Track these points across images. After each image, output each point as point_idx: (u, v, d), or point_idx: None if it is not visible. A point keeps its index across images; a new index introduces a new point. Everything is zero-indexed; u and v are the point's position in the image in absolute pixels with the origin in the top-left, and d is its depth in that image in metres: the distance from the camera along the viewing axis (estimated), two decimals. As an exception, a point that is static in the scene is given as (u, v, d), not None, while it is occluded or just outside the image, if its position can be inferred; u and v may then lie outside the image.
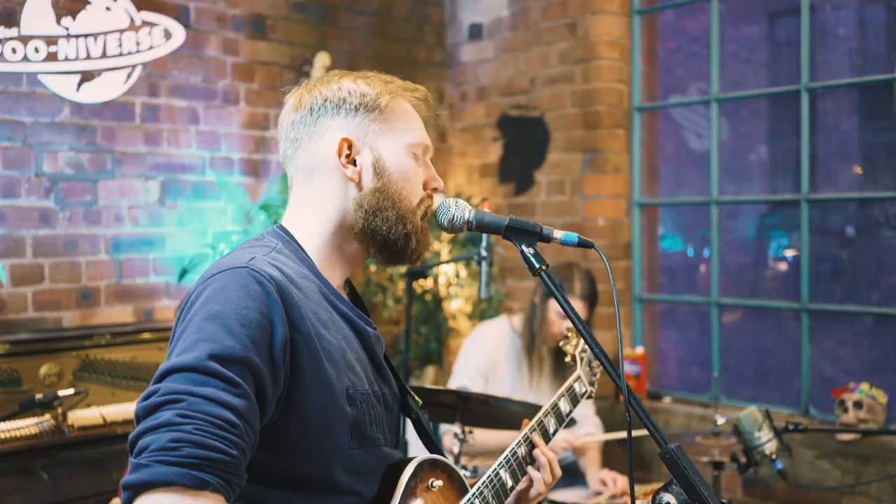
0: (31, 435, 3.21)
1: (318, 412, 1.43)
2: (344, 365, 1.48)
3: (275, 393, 1.37)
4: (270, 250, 1.52)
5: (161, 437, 1.22)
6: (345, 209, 1.58)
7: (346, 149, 1.57)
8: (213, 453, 1.23)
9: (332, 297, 1.55)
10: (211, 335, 1.31)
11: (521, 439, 1.84)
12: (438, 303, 4.86)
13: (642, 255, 4.65)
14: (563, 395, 2.02)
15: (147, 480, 1.20)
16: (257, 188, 4.42)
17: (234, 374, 1.29)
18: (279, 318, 1.38)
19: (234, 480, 1.26)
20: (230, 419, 1.26)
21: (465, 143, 5.19)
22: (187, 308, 1.41)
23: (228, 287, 1.38)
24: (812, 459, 3.73)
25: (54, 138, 3.77)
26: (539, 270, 1.60)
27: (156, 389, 1.28)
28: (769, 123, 4.48)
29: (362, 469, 1.51)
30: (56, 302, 3.78)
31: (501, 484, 1.75)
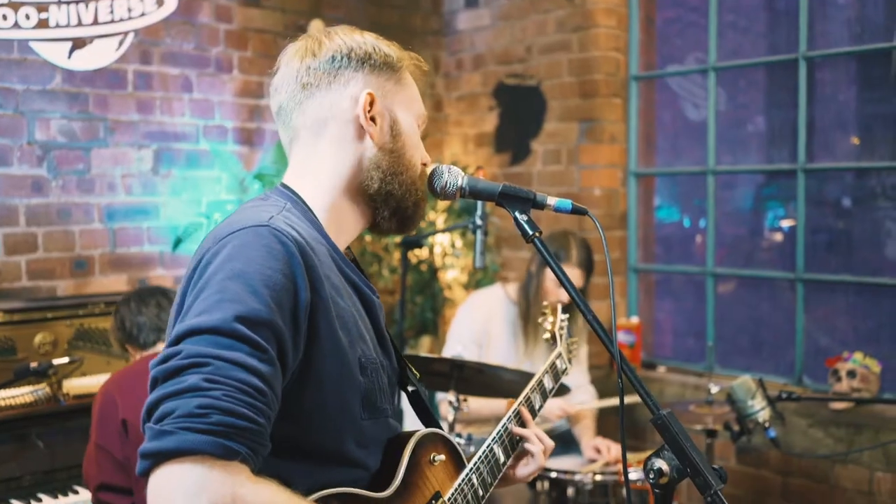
0: (26, 403, 3.22)
1: (334, 380, 1.38)
2: (356, 333, 1.44)
3: (294, 359, 1.30)
4: (282, 209, 1.43)
5: (188, 403, 1.14)
6: (359, 167, 1.51)
7: (369, 105, 1.50)
8: (242, 421, 1.16)
9: (341, 261, 1.48)
10: (236, 295, 1.23)
11: (512, 414, 1.86)
12: (434, 273, 4.85)
13: (638, 225, 4.64)
14: (546, 372, 2.06)
15: (173, 448, 1.12)
16: (251, 157, 4.40)
17: (260, 337, 1.22)
18: (302, 280, 1.31)
19: (260, 450, 1.20)
20: (258, 386, 1.19)
21: (460, 112, 5.16)
22: (203, 266, 1.31)
23: (250, 245, 1.30)
24: (805, 428, 3.75)
25: (46, 106, 3.74)
26: (532, 237, 1.59)
27: (176, 351, 1.20)
28: (766, 94, 4.46)
29: (370, 441, 1.48)
30: (50, 271, 3.77)
31: (495, 460, 1.76)
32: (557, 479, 3.45)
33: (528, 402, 1.92)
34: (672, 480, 1.46)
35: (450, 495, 1.59)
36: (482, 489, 1.68)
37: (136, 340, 2.83)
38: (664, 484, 1.47)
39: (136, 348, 2.85)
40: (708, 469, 1.42)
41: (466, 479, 1.64)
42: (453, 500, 1.59)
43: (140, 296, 2.90)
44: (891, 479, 3.52)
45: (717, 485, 1.41)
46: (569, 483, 3.41)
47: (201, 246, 1.39)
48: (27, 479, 3.11)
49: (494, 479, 1.74)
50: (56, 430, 3.22)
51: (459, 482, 1.63)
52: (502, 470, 1.78)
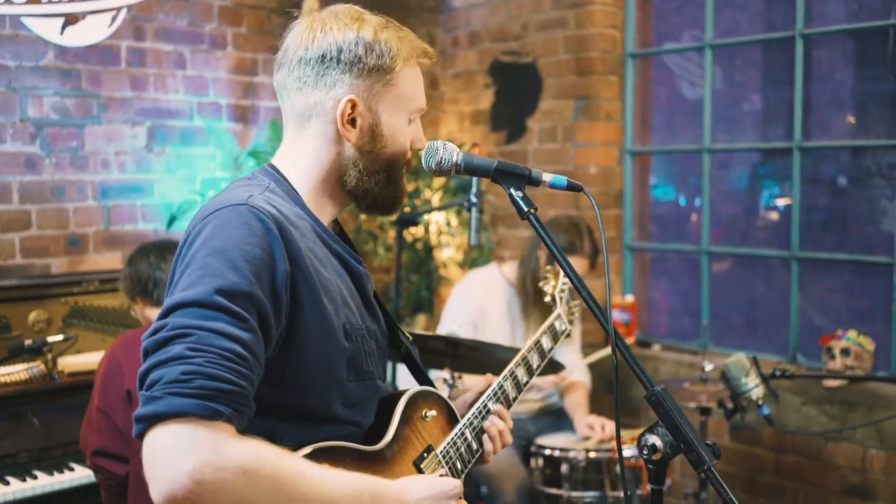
0: (20, 381, 3.21)
1: (318, 347, 1.46)
2: (340, 301, 1.52)
3: (277, 327, 1.39)
4: (264, 189, 1.52)
5: (173, 370, 1.24)
6: (337, 164, 1.58)
7: (349, 110, 1.55)
8: (224, 384, 1.25)
9: (325, 235, 1.57)
10: (216, 271, 1.33)
11: (508, 374, 1.92)
12: (429, 251, 4.85)
13: (633, 204, 4.64)
14: (545, 332, 2.10)
15: (161, 412, 1.22)
16: (246, 134, 4.38)
17: (240, 308, 1.32)
18: (280, 253, 1.40)
19: (244, 411, 1.30)
20: (239, 352, 1.29)
21: (456, 90, 5.13)
22: (188, 244, 1.41)
23: (230, 223, 1.39)
24: (798, 406, 3.76)
25: (39, 82, 3.72)
26: (527, 214, 1.59)
27: (164, 324, 1.30)
28: (763, 72, 4.44)
29: (358, 401, 1.56)
30: (44, 248, 3.75)
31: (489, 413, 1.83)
32: (551, 456, 3.46)
33: (525, 362, 1.98)
34: (666, 456, 1.47)
35: (442, 448, 1.68)
36: (476, 443, 1.77)
37: (150, 295, 2.76)
38: (658, 460, 1.47)
39: (146, 303, 2.78)
40: (701, 445, 1.42)
41: (460, 433, 1.73)
42: (445, 453, 1.69)
43: (160, 250, 2.82)
44: (884, 456, 3.54)
45: (711, 461, 1.41)
46: (563, 460, 3.43)
47: (190, 224, 1.49)
48: (22, 455, 3.11)
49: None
50: (51, 408, 3.22)
51: (452, 436, 1.72)
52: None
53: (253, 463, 1.26)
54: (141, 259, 2.80)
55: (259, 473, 1.27)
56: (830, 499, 3.72)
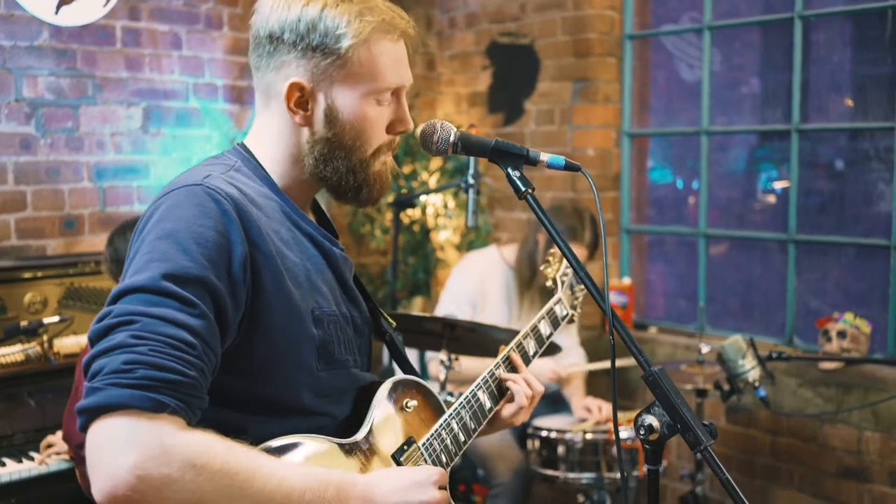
0: (16, 362, 3.21)
1: (283, 333, 1.39)
2: (308, 286, 1.44)
3: (236, 313, 1.32)
4: (229, 168, 1.46)
5: (114, 360, 1.18)
6: (298, 146, 1.51)
7: (296, 93, 1.46)
8: (169, 374, 1.18)
9: (295, 216, 1.50)
10: (164, 254, 1.26)
11: (501, 360, 1.83)
12: (426, 233, 4.84)
13: (631, 186, 4.63)
14: (543, 318, 2.00)
15: (101, 404, 1.16)
16: (242, 116, 4.36)
17: (189, 293, 1.24)
18: (237, 235, 1.33)
19: (193, 402, 1.22)
20: (187, 339, 1.21)
21: (453, 71, 5.11)
22: (140, 228, 1.36)
23: (182, 205, 1.32)
24: (795, 388, 3.77)
25: (34, 63, 3.69)
26: (525, 194, 1.58)
27: (109, 311, 1.24)
28: (762, 55, 4.42)
29: (331, 391, 1.49)
30: (39, 230, 3.74)
31: (480, 405, 1.74)
32: (548, 437, 3.47)
33: (520, 348, 1.89)
34: (662, 437, 1.46)
35: (425, 440, 1.60)
36: (463, 434, 1.67)
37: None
38: (654, 440, 1.47)
39: None
40: (698, 425, 1.42)
41: (445, 423, 1.64)
42: (429, 445, 1.60)
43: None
44: (879, 438, 3.56)
45: (708, 441, 1.41)
46: (559, 442, 3.44)
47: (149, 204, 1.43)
48: (19, 436, 3.11)
49: (479, 424, 1.73)
50: (47, 389, 3.22)
51: (437, 427, 1.63)
52: (488, 415, 1.76)
53: (202, 457, 1.18)
54: (119, 238, 2.80)
55: (209, 468, 1.18)
56: (826, 480, 3.74)
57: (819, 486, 3.76)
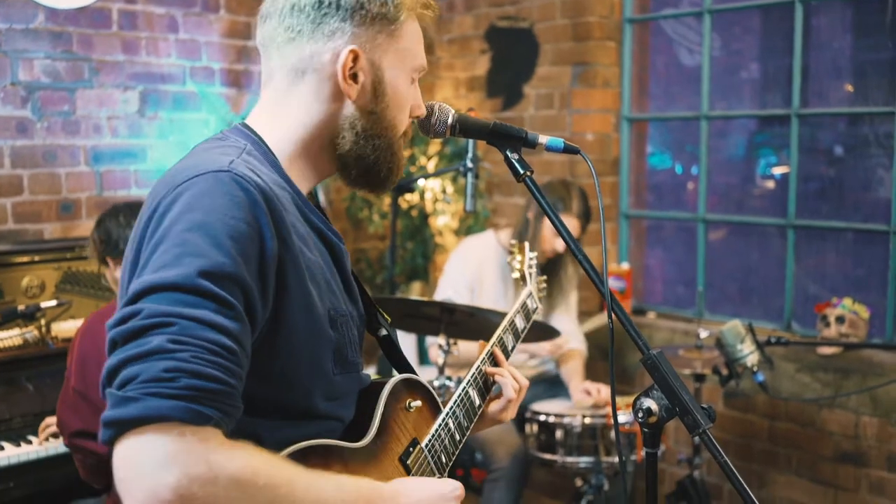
0: (14, 346, 3.20)
1: (304, 336, 1.31)
2: (325, 284, 1.36)
3: (263, 314, 1.23)
4: (241, 152, 1.33)
5: (153, 366, 1.06)
6: (332, 125, 1.41)
7: (351, 62, 1.38)
8: (212, 384, 1.09)
9: (306, 209, 1.40)
10: (197, 248, 1.14)
11: (486, 356, 1.81)
12: (425, 218, 4.83)
13: (630, 171, 4.61)
14: (518, 312, 2.01)
15: (139, 416, 1.05)
16: (239, 100, 4.34)
17: (226, 293, 1.14)
18: (268, 229, 1.22)
19: (232, 413, 1.13)
20: (227, 345, 1.12)
21: (452, 55, 5.08)
22: (159, 216, 1.21)
23: (210, 193, 1.20)
24: (793, 373, 3.77)
25: (30, 45, 3.67)
26: (523, 176, 1.58)
27: (137, 311, 1.11)
28: (762, 39, 4.40)
29: (340, 394, 1.43)
30: (36, 213, 3.73)
31: (471, 403, 1.72)
32: (546, 422, 3.47)
33: (500, 343, 1.88)
34: (661, 420, 1.46)
35: (427, 441, 1.56)
36: (459, 433, 1.65)
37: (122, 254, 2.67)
38: (653, 423, 1.47)
39: (118, 263, 2.69)
40: (697, 408, 1.42)
41: (443, 424, 1.61)
42: (430, 446, 1.56)
43: (131, 209, 2.76)
44: (877, 423, 3.56)
45: (706, 424, 1.41)
46: (558, 426, 3.44)
47: (153, 192, 1.30)
48: (17, 420, 3.11)
49: (471, 422, 1.71)
50: (45, 373, 3.21)
51: (436, 428, 1.59)
52: (478, 412, 1.75)
53: (246, 473, 1.10)
54: (110, 219, 2.73)
55: (253, 485, 1.11)
56: (823, 465, 3.74)
57: (816, 471, 3.76)
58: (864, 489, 3.62)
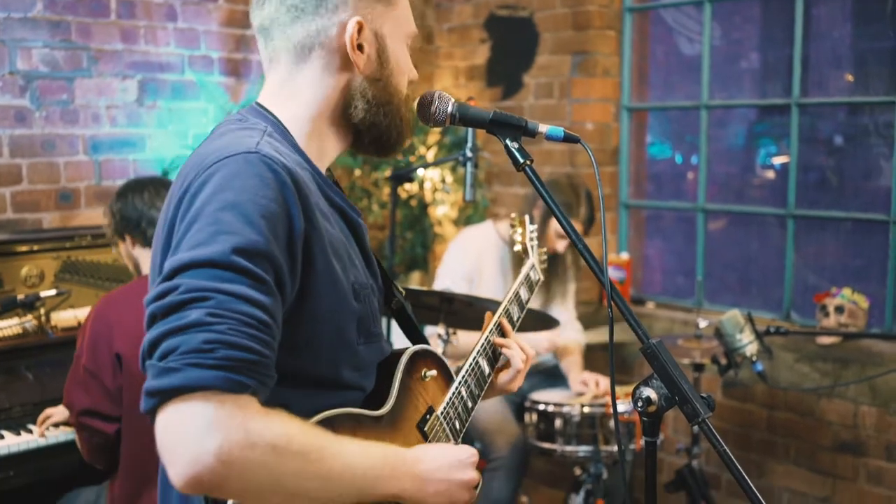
0: (14, 335, 3.20)
1: (329, 309, 1.37)
2: (347, 259, 1.42)
3: (292, 289, 1.29)
4: (263, 134, 1.38)
5: (192, 338, 1.13)
6: (343, 96, 1.46)
7: (357, 33, 1.43)
8: (249, 354, 1.15)
9: (326, 187, 1.45)
10: (231, 227, 1.20)
11: (493, 327, 1.86)
12: (424, 208, 4.83)
13: (630, 161, 4.61)
14: (522, 284, 2.05)
15: (180, 385, 1.11)
16: (238, 89, 4.33)
17: (259, 269, 1.20)
18: (296, 209, 1.28)
19: (267, 382, 1.20)
20: (262, 318, 1.18)
21: (451, 44, 5.07)
22: (191, 196, 1.26)
23: (241, 174, 1.25)
24: (792, 363, 3.78)
25: (28, 34, 3.65)
26: (523, 165, 1.58)
27: (174, 286, 1.17)
28: (762, 29, 4.39)
29: (364, 364, 1.49)
30: (35, 203, 3.72)
31: (481, 372, 1.77)
32: (545, 411, 3.48)
33: (507, 314, 1.92)
34: (660, 409, 1.46)
35: (442, 409, 1.62)
36: (470, 401, 1.71)
37: (142, 234, 2.65)
38: (652, 412, 1.47)
39: (136, 242, 2.68)
40: (696, 397, 1.42)
41: (456, 392, 1.67)
42: (445, 413, 1.62)
43: (156, 186, 2.71)
44: (875, 412, 3.57)
45: (705, 413, 1.41)
46: (557, 415, 3.45)
47: (182, 173, 1.35)
48: (17, 410, 3.11)
49: (481, 390, 1.76)
50: (45, 362, 3.21)
51: (450, 395, 1.65)
52: (487, 381, 1.79)
53: (282, 439, 1.18)
54: (134, 194, 2.68)
55: (288, 450, 1.18)
56: (822, 455, 3.75)
57: (815, 460, 3.77)
58: (863, 478, 3.63)
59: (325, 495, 1.26)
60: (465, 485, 1.46)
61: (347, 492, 1.29)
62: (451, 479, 1.44)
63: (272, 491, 1.19)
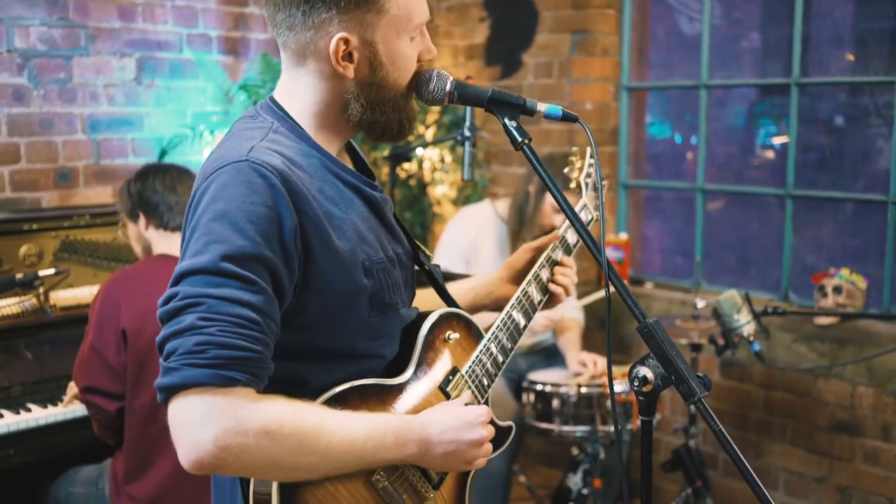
0: (13, 314, 3.21)
1: (336, 291, 1.46)
2: (357, 239, 1.50)
3: (291, 281, 1.40)
4: (267, 132, 1.48)
5: (187, 341, 1.28)
6: (339, 100, 1.53)
7: (342, 46, 1.47)
8: (237, 352, 1.29)
9: (336, 168, 1.53)
10: (220, 236, 1.33)
11: (532, 277, 1.86)
12: (423, 188, 4.82)
13: (629, 141, 4.60)
14: (568, 228, 1.99)
15: (178, 383, 1.28)
16: (237, 67, 4.31)
17: (248, 272, 1.32)
18: (286, 208, 1.38)
19: (261, 373, 1.33)
20: (250, 317, 1.31)
21: (450, 23, 5.04)
22: (194, 207, 1.41)
23: (231, 184, 1.37)
24: (789, 343, 3.79)
25: (25, 12, 3.64)
26: (521, 144, 1.57)
27: (175, 293, 1.33)
28: (762, 8, 4.37)
29: (382, 333, 1.57)
30: (33, 182, 3.72)
31: (515, 324, 1.80)
32: (543, 391, 3.49)
33: (549, 260, 1.92)
34: (656, 388, 1.47)
35: (467, 368, 1.67)
36: (502, 355, 1.75)
37: (157, 217, 2.71)
38: (648, 392, 1.48)
39: (150, 223, 2.72)
40: (692, 377, 1.42)
41: (485, 349, 1.72)
42: (471, 371, 1.68)
43: (179, 173, 2.76)
44: (872, 393, 3.58)
45: (701, 392, 1.41)
46: (554, 395, 3.46)
47: (198, 176, 1.46)
48: (16, 389, 3.12)
49: (514, 343, 1.80)
50: (44, 341, 3.22)
51: (477, 353, 1.70)
52: (522, 333, 1.82)
53: (273, 423, 1.31)
54: (156, 177, 2.74)
55: (280, 432, 1.32)
56: (819, 435, 3.77)
57: (812, 441, 3.79)
58: (859, 459, 3.65)
59: (326, 466, 1.39)
60: (474, 443, 1.53)
61: (349, 462, 1.41)
62: (460, 439, 1.51)
63: (271, 468, 1.35)
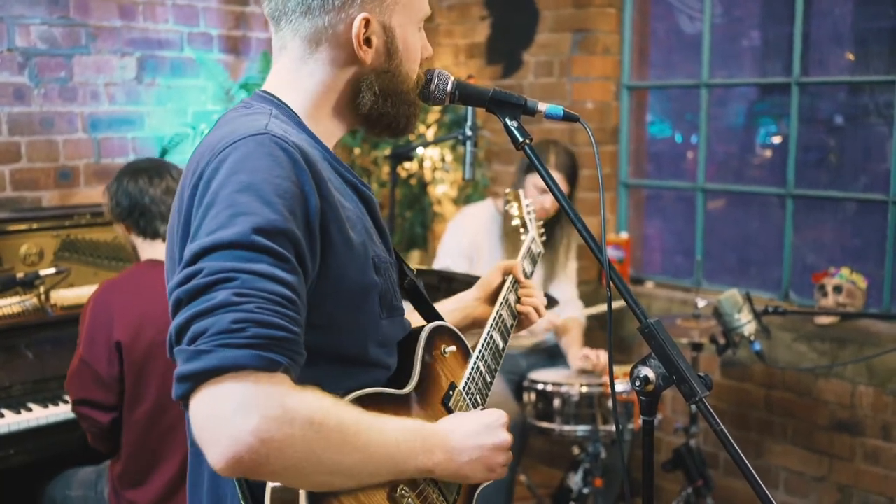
0: (13, 314, 3.21)
1: (351, 283, 1.37)
2: (365, 233, 1.42)
3: (313, 266, 1.28)
4: (270, 116, 1.38)
5: (221, 319, 1.12)
6: (351, 89, 1.47)
7: (364, 29, 1.42)
8: (278, 332, 1.14)
9: (335, 163, 1.45)
10: (249, 208, 1.19)
11: (503, 300, 1.86)
12: (423, 187, 4.82)
13: (629, 140, 4.60)
14: (525, 257, 2.05)
15: (213, 367, 1.10)
16: (238, 66, 4.31)
17: (280, 247, 1.19)
18: (310, 186, 1.27)
19: (298, 359, 1.19)
20: (287, 295, 1.17)
21: (451, 22, 5.04)
22: (205, 182, 1.26)
23: (253, 155, 1.25)
24: (790, 342, 3.79)
25: (26, 11, 3.63)
26: (522, 144, 1.58)
27: (198, 270, 1.16)
28: (762, 7, 4.37)
29: (389, 340, 1.50)
30: (34, 181, 3.72)
31: (496, 346, 1.79)
32: (544, 390, 3.49)
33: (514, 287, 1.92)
34: (658, 388, 1.46)
35: (463, 384, 1.63)
36: (489, 375, 1.73)
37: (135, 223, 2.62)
38: (650, 392, 1.47)
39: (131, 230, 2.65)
40: (693, 377, 1.42)
41: (475, 367, 1.69)
42: (467, 389, 1.64)
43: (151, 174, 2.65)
44: (872, 392, 3.58)
45: (703, 392, 1.41)
46: (555, 395, 3.46)
47: (194, 161, 1.35)
48: (17, 388, 3.12)
49: (497, 364, 1.78)
50: (44, 341, 3.21)
51: (469, 371, 1.67)
52: (502, 354, 1.81)
53: (318, 414, 1.17)
54: (129, 180, 2.65)
55: (326, 425, 1.18)
56: (819, 434, 3.77)
57: (812, 440, 3.79)
58: (859, 458, 3.65)
59: (365, 470, 1.26)
60: (498, 447, 1.48)
61: (385, 466, 1.29)
62: (483, 444, 1.45)
63: (313, 467, 1.18)
